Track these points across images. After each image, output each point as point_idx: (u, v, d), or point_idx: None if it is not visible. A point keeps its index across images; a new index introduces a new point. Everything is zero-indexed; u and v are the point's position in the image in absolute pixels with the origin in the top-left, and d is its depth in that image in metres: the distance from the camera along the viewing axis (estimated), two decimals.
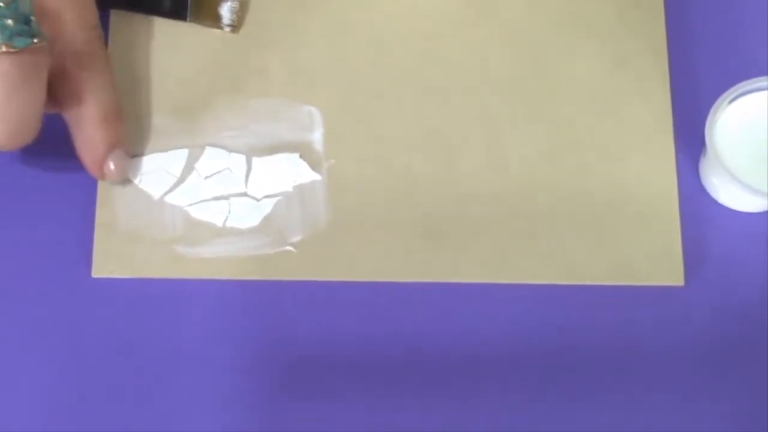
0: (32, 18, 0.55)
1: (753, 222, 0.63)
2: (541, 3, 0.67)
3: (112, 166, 0.61)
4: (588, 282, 0.62)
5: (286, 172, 0.63)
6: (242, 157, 0.63)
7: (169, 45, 0.65)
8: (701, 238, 0.63)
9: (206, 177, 0.63)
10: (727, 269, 0.62)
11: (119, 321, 0.61)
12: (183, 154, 0.63)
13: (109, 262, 0.61)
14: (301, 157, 0.63)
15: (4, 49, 0.54)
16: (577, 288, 0.62)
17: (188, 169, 0.63)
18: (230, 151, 0.63)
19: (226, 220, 0.62)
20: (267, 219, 0.62)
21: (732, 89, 0.61)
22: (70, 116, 0.60)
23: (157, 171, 0.63)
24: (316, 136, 0.64)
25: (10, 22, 0.54)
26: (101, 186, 0.62)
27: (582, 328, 0.62)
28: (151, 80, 0.64)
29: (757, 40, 0.67)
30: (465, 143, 0.64)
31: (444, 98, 0.65)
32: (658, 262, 0.62)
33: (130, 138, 0.63)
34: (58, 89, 0.59)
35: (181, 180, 0.63)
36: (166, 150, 0.63)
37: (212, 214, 0.62)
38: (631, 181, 0.64)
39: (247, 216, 0.62)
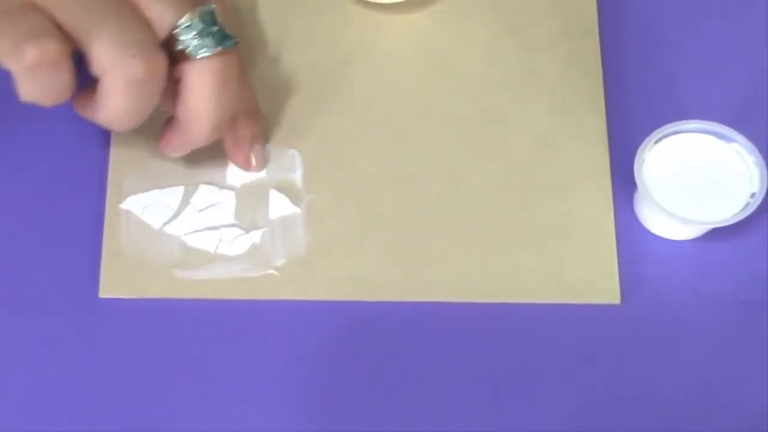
0: (223, 24, 0.58)
1: (680, 248, 0.65)
2: (494, 59, 0.69)
3: (254, 160, 0.65)
4: (536, 300, 0.64)
5: (270, 206, 0.65)
6: (232, 193, 0.65)
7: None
8: (635, 263, 0.65)
9: (200, 210, 0.65)
10: (659, 289, 0.64)
11: (124, 336, 0.63)
12: (180, 190, 0.66)
13: (114, 283, 0.63)
14: (283, 193, 0.66)
15: (219, 49, 0.58)
16: (526, 306, 0.64)
17: (184, 203, 0.65)
18: (221, 188, 0.66)
19: (217, 248, 0.64)
20: (253, 246, 0.64)
21: (657, 131, 0.63)
22: None
23: (157, 205, 0.65)
24: (298, 175, 0.66)
25: (216, 29, 0.58)
26: (108, 216, 0.64)
27: (531, 341, 0.63)
28: (152, 127, 0.63)
29: (682, 89, 0.69)
30: (428, 179, 0.66)
31: (409, 140, 0.67)
32: (597, 283, 0.64)
33: (264, 132, 0.66)
34: None
35: (178, 213, 0.65)
36: (165, 187, 0.66)
37: (205, 242, 0.64)
38: (573, 213, 0.66)
39: (235, 244, 0.64)
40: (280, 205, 0.66)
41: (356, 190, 0.67)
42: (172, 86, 0.59)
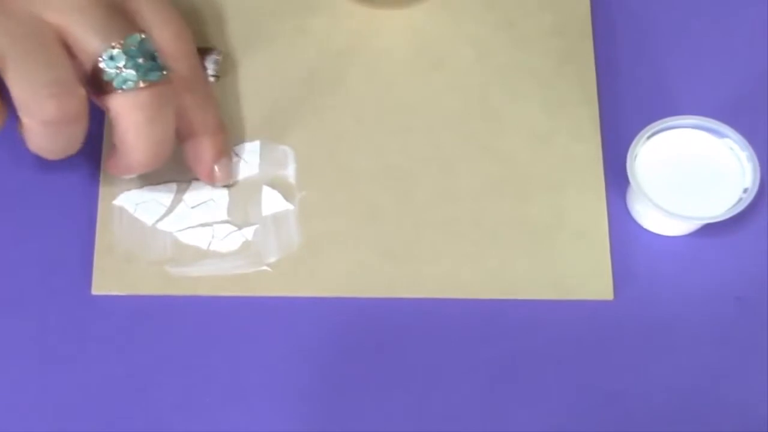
0: (156, 54, 0.58)
1: (672, 244, 0.66)
2: (487, 54, 0.70)
3: (218, 173, 0.64)
4: (529, 297, 0.64)
5: (263, 203, 0.66)
6: (224, 190, 0.66)
7: None
8: (628, 259, 0.65)
9: (192, 207, 0.65)
10: (651, 285, 0.65)
11: (117, 333, 0.63)
12: (172, 187, 0.66)
13: (107, 280, 0.63)
14: (275, 188, 0.66)
15: (141, 84, 0.57)
16: (519, 302, 0.64)
17: (177, 200, 0.65)
18: (214, 185, 0.66)
19: (210, 244, 0.64)
20: (246, 243, 0.64)
21: (649, 127, 0.63)
22: (181, 133, 0.62)
23: (150, 202, 0.65)
24: (290, 171, 0.66)
25: (141, 60, 0.57)
26: (101, 213, 0.65)
27: (524, 337, 0.63)
28: None
29: (675, 85, 0.69)
30: (421, 175, 0.67)
31: (402, 136, 0.68)
32: (590, 279, 0.64)
33: (231, 145, 0.66)
34: None
35: (171, 209, 0.65)
36: (157, 184, 0.66)
37: (198, 239, 0.65)
38: (566, 209, 0.66)
39: (228, 240, 0.65)
40: (272, 202, 0.66)
41: (349, 187, 0.67)
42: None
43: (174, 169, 0.66)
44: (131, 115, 0.58)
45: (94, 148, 0.67)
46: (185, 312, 0.64)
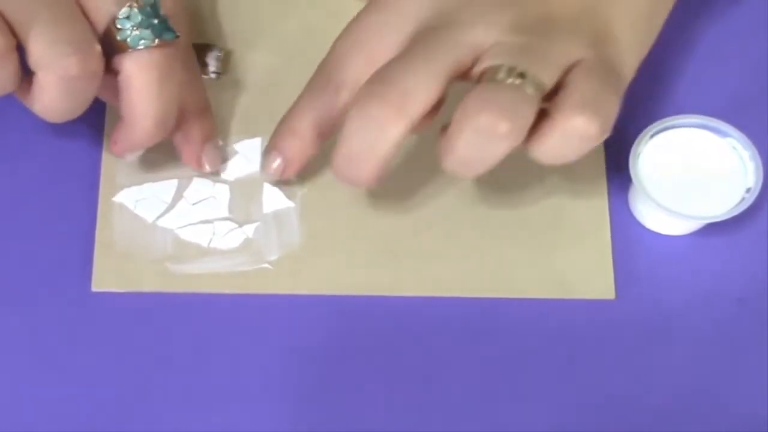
0: (167, 17, 0.58)
1: (675, 243, 0.66)
2: None
3: (205, 157, 0.64)
4: (530, 296, 0.64)
5: (264, 200, 0.66)
6: (225, 187, 0.66)
7: None
8: (630, 258, 0.65)
9: (193, 204, 0.65)
10: (653, 285, 0.64)
11: (116, 330, 0.62)
12: (173, 183, 0.66)
13: (107, 277, 0.63)
14: (277, 187, 0.66)
15: (157, 42, 0.57)
16: (520, 301, 0.64)
17: (178, 196, 0.65)
18: (215, 181, 0.66)
19: (210, 242, 0.64)
20: (247, 240, 0.64)
21: (652, 126, 0.63)
22: None
23: (150, 198, 0.65)
24: None
25: (156, 20, 0.57)
26: (101, 209, 0.64)
27: (525, 336, 0.63)
28: None
29: (678, 84, 0.69)
30: (422, 173, 0.66)
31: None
32: (592, 278, 0.64)
33: (217, 130, 0.66)
34: None
35: (172, 206, 0.65)
36: (158, 180, 0.66)
37: (199, 236, 0.64)
38: (568, 207, 0.66)
39: (229, 238, 0.64)
40: (273, 199, 0.66)
41: (350, 186, 0.65)
42: (114, 82, 0.59)
43: (175, 166, 0.66)
44: (144, 75, 0.58)
45: (95, 143, 0.67)
46: (185, 309, 0.64)
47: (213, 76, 0.68)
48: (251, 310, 0.64)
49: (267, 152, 0.63)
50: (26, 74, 0.56)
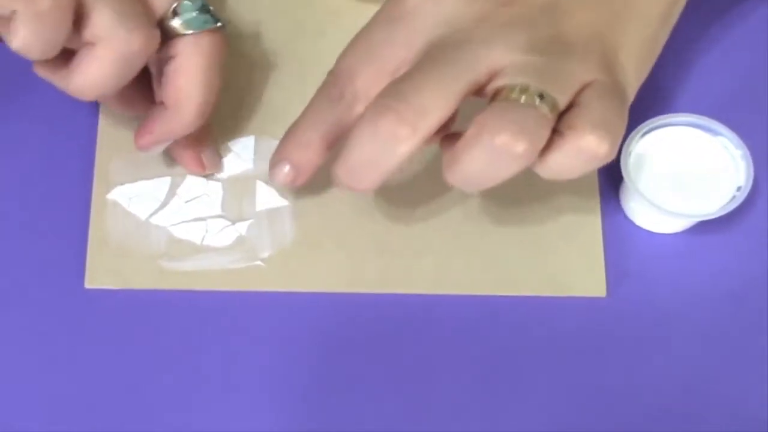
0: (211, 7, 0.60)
1: (666, 241, 0.66)
2: None
3: (206, 159, 0.65)
4: (522, 293, 0.64)
5: (257, 198, 0.66)
6: (219, 185, 0.66)
7: None
8: (621, 256, 0.65)
9: (187, 201, 0.65)
10: (645, 282, 0.65)
11: (110, 327, 0.62)
12: (167, 181, 0.66)
13: (100, 274, 0.63)
14: (270, 184, 0.66)
15: (208, 29, 0.59)
16: (512, 299, 0.64)
17: (171, 194, 0.65)
18: (208, 179, 0.66)
19: (203, 239, 0.64)
20: (240, 238, 0.64)
21: (644, 124, 0.63)
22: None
23: (144, 195, 0.65)
24: None
25: (209, 8, 0.59)
26: (94, 206, 0.64)
27: (517, 333, 0.63)
28: (139, 118, 0.64)
29: (669, 83, 0.69)
30: (415, 170, 0.66)
31: None
32: (583, 276, 0.64)
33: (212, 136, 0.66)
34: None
35: (165, 203, 0.65)
36: (152, 178, 0.66)
37: (192, 234, 0.65)
38: (560, 206, 0.66)
39: (222, 235, 0.65)
40: (267, 197, 0.66)
41: None
42: (159, 69, 0.59)
43: (169, 164, 0.66)
44: (194, 58, 0.59)
45: (89, 140, 0.67)
46: (178, 306, 0.64)
47: None
48: (244, 308, 0.64)
49: (276, 163, 0.62)
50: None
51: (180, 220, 0.65)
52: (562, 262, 0.65)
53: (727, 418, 0.63)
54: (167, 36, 0.59)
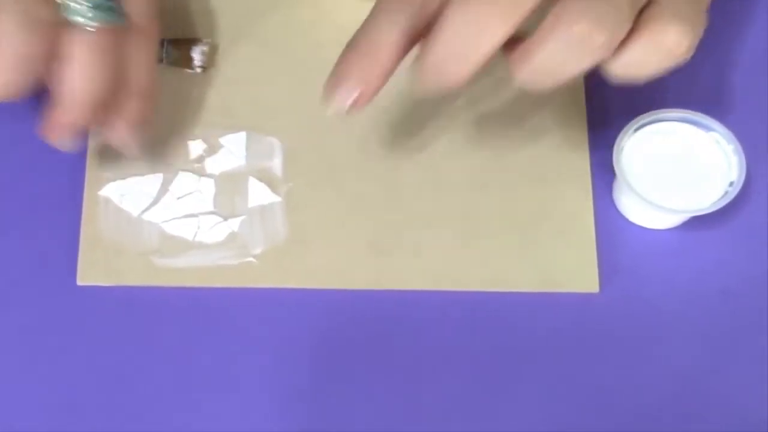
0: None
1: (659, 237, 0.66)
2: None
3: (127, 141, 0.62)
4: (515, 289, 0.64)
5: (249, 194, 0.66)
6: (211, 181, 0.66)
7: None
8: (614, 251, 0.65)
9: (179, 198, 0.65)
10: (637, 278, 0.65)
11: (102, 324, 0.63)
12: (159, 177, 0.66)
13: (92, 271, 0.63)
14: (262, 180, 0.66)
15: (100, 24, 0.56)
16: (505, 294, 0.64)
17: (163, 190, 0.65)
18: (200, 176, 0.66)
19: (195, 235, 0.65)
20: (232, 234, 0.65)
21: (635, 120, 0.63)
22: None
23: (136, 192, 0.65)
24: (276, 163, 0.66)
25: (109, 3, 0.57)
26: (86, 203, 0.65)
27: (510, 329, 0.63)
28: None
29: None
30: (407, 167, 0.66)
31: (388, 128, 0.67)
32: (576, 271, 0.64)
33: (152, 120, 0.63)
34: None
35: (157, 200, 0.65)
36: (144, 174, 0.66)
37: (184, 230, 0.65)
38: (552, 201, 0.66)
39: (214, 231, 0.65)
40: (258, 193, 0.66)
41: (335, 178, 0.67)
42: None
43: (160, 160, 0.67)
44: (84, 53, 0.57)
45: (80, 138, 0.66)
46: (171, 303, 0.64)
47: (198, 70, 0.69)
48: (236, 304, 0.64)
49: (336, 83, 0.56)
50: None
51: (172, 217, 0.65)
52: (555, 258, 0.65)
53: (719, 413, 0.63)
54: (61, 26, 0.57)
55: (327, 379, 0.63)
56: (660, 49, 0.53)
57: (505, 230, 0.66)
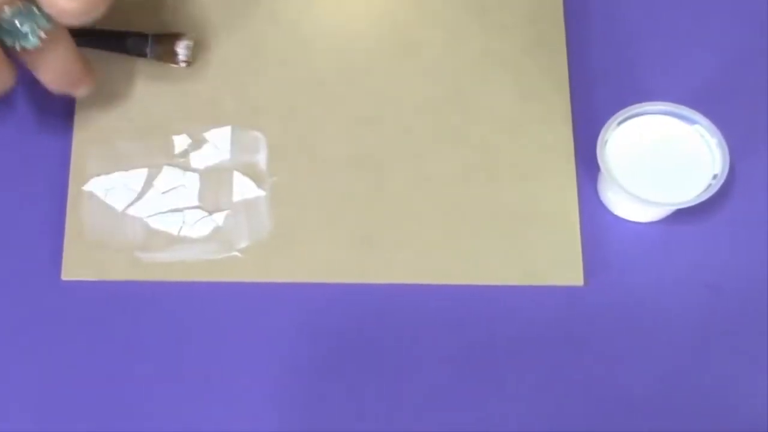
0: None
1: (643, 230, 0.66)
2: (460, 41, 0.69)
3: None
4: (500, 283, 0.64)
5: (234, 189, 0.66)
6: (195, 176, 0.66)
7: (132, 79, 0.68)
8: (599, 245, 0.65)
9: (163, 192, 0.65)
10: (622, 271, 0.65)
11: (86, 319, 0.63)
12: (143, 172, 0.66)
13: (77, 265, 0.63)
14: (247, 174, 0.66)
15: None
16: (491, 288, 0.64)
17: (148, 185, 0.65)
18: (185, 170, 0.66)
19: (180, 230, 0.65)
20: (217, 229, 0.65)
21: (620, 113, 0.64)
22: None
23: (120, 187, 0.65)
24: (261, 157, 0.66)
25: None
26: (71, 198, 0.65)
27: (495, 322, 0.64)
28: (116, 109, 0.67)
29: (646, 71, 0.69)
30: (393, 161, 0.67)
31: (374, 124, 0.67)
32: (561, 265, 0.65)
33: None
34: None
35: (142, 195, 0.65)
36: (128, 169, 0.66)
37: (168, 225, 0.65)
38: (537, 195, 0.66)
39: (199, 226, 0.65)
40: (243, 188, 0.66)
41: (320, 172, 0.67)
42: None
43: (145, 155, 0.67)
44: None
45: (65, 132, 0.67)
46: (155, 297, 0.64)
47: (183, 65, 0.69)
48: (221, 298, 0.64)
49: None
50: None
51: (157, 212, 0.66)
52: (541, 251, 0.66)
53: (704, 405, 0.63)
54: None
55: (313, 372, 0.63)
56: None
57: (491, 224, 0.66)
